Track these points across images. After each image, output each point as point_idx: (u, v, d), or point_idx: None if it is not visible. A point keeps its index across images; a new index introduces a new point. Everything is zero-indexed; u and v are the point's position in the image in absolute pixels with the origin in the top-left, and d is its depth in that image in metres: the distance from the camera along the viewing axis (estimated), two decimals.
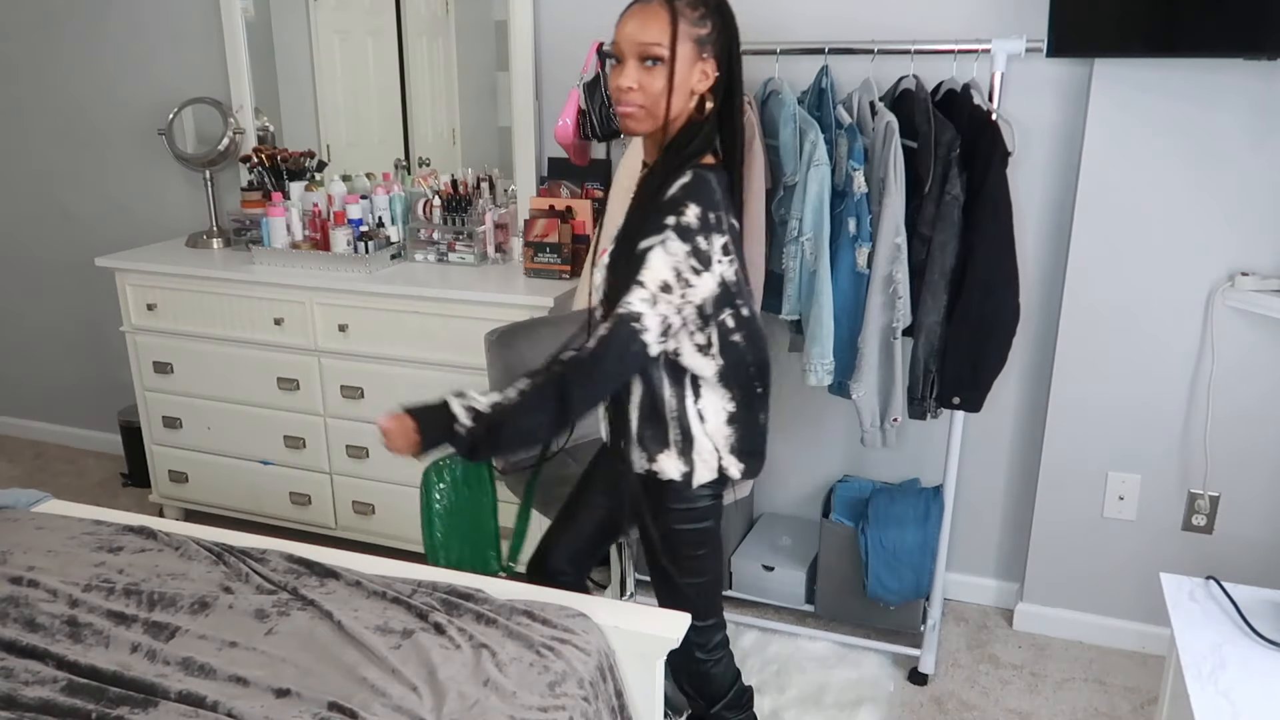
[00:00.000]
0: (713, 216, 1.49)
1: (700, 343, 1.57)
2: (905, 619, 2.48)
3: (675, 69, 1.49)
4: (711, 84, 1.55)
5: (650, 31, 1.49)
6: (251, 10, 2.97)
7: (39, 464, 3.58)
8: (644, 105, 1.52)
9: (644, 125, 1.54)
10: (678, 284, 1.48)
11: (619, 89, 1.51)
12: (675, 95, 1.51)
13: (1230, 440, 2.31)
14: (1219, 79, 2.11)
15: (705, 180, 1.51)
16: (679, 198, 1.49)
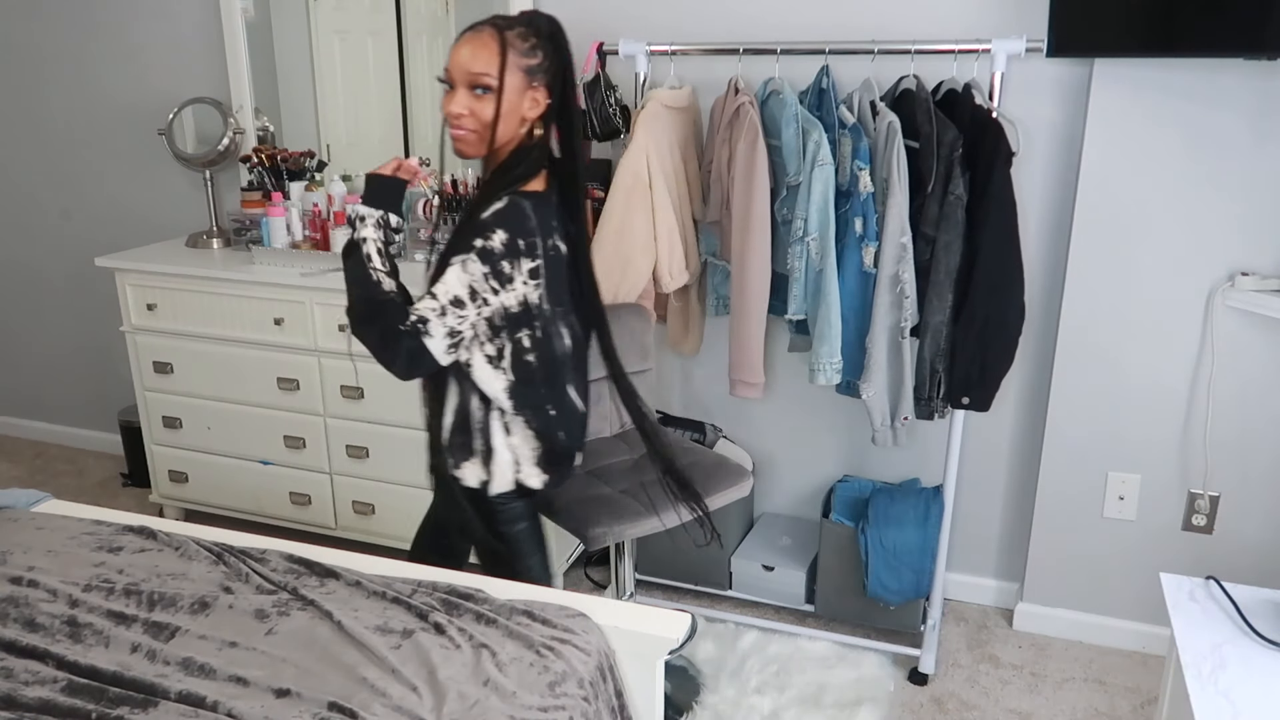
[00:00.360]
0: (522, 243, 1.57)
1: (490, 353, 1.65)
2: (905, 619, 2.48)
3: (504, 97, 1.57)
4: (542, 111, 1.63)
5: (480, 61, 1.56)
6: (251, 10, 2.97)
7: (39, 464, 3.58)
8: (475, 130, 1.59)
9: (474, 149, 1.62)
10: (471, 301, 1.57)
11: (450, 114, 1.59)
12: (504, 122, 1.59)
13: (1230, 440, 2.31)
14: (1219, 79, 2.11)
15: (518, 207, 1.58)
16: (489, 222, 1.56)
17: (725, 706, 2.24)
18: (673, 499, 1.88)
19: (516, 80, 1.58)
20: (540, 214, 1.61)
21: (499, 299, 1.59)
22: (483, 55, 1.56)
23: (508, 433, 1.70)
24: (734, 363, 2.32)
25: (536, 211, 1.60)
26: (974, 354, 2.12)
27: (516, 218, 1.57)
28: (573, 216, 1.72)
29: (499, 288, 1.58)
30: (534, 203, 1.60)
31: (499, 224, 1.56)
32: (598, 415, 2.28)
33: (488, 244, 1.55)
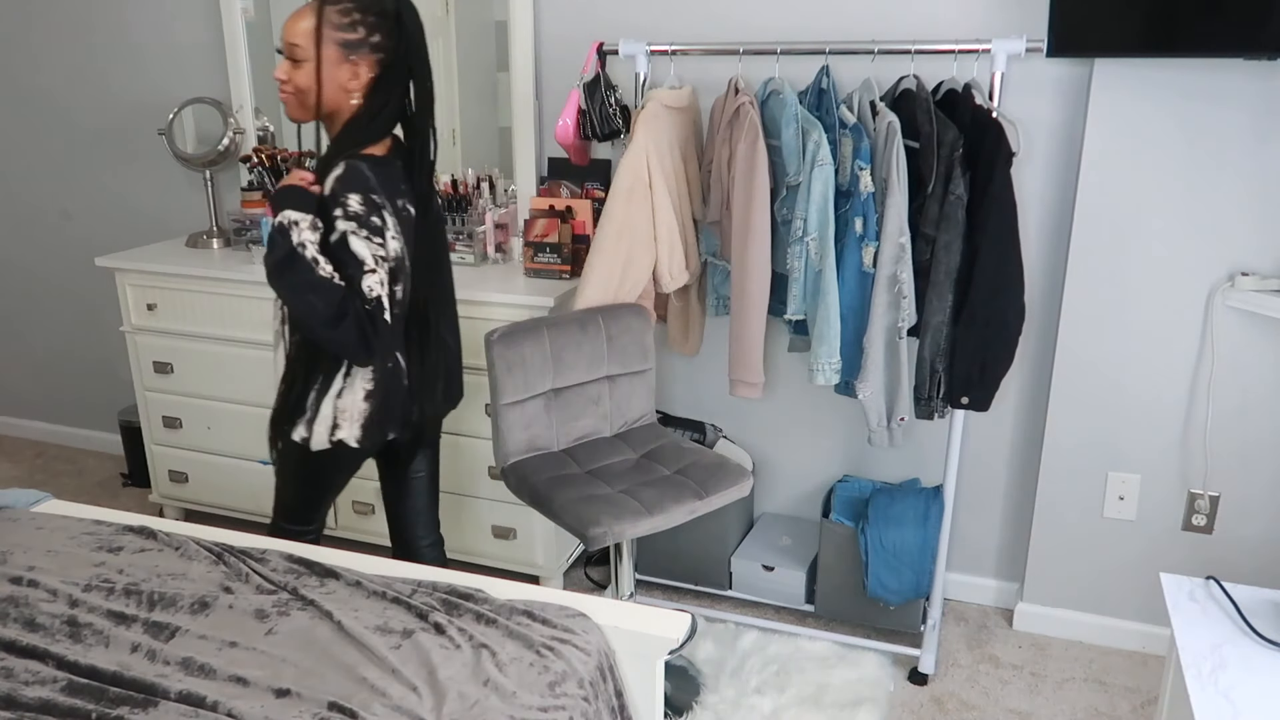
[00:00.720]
0: (376, 198, 1.70)
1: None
2: (905, 619, 2.48)
3: (321, 68, 1.71)
4: (364, 84, 1.75)
5: (295, 33, 1.72)
6: (251, 10, 2.97)
7: (39, 464, 3.58)
8: (293, 95, 1.75)
9: (298, 113, 1.78)
10: (380, 264, 1.70)
11: (276, 79, 1.76)
12: (323, 90, 1.73)
13: (1230, 440, 2.31)
14: (1219, 78, 2.11)
15: (356, 169, 1.70)
16: (336, 191, 1.69)
17: (725, 707, 2.24)
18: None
19: (331, 52, 1.72)
20: (380, 175, 1.72)
21: (386, 252, 1.71)
22: (298, 27, 1.72)
23: (339, 395, 1.83)
24: (733, 362, 2.32)
25: (375, 173, 1.71)
26: (973, 354, 2.12)
27: (356, 178, 1.69)
28: (421, 183, 1.84)
29: (382, 242, 1.70)
30: (371, 164, 1.72)
31: (345, 189, 1.69)
32: (597, 415, 2.28)
33: (348, 209, 1.68)
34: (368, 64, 1.74)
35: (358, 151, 1.73)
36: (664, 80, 2.47)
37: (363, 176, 1.70)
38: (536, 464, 2.14)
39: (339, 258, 1.69)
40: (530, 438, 2.18)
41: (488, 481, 2.63)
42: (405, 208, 1.76)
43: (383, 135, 1.78)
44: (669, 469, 2.15)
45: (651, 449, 2.24)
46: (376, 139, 1.77)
